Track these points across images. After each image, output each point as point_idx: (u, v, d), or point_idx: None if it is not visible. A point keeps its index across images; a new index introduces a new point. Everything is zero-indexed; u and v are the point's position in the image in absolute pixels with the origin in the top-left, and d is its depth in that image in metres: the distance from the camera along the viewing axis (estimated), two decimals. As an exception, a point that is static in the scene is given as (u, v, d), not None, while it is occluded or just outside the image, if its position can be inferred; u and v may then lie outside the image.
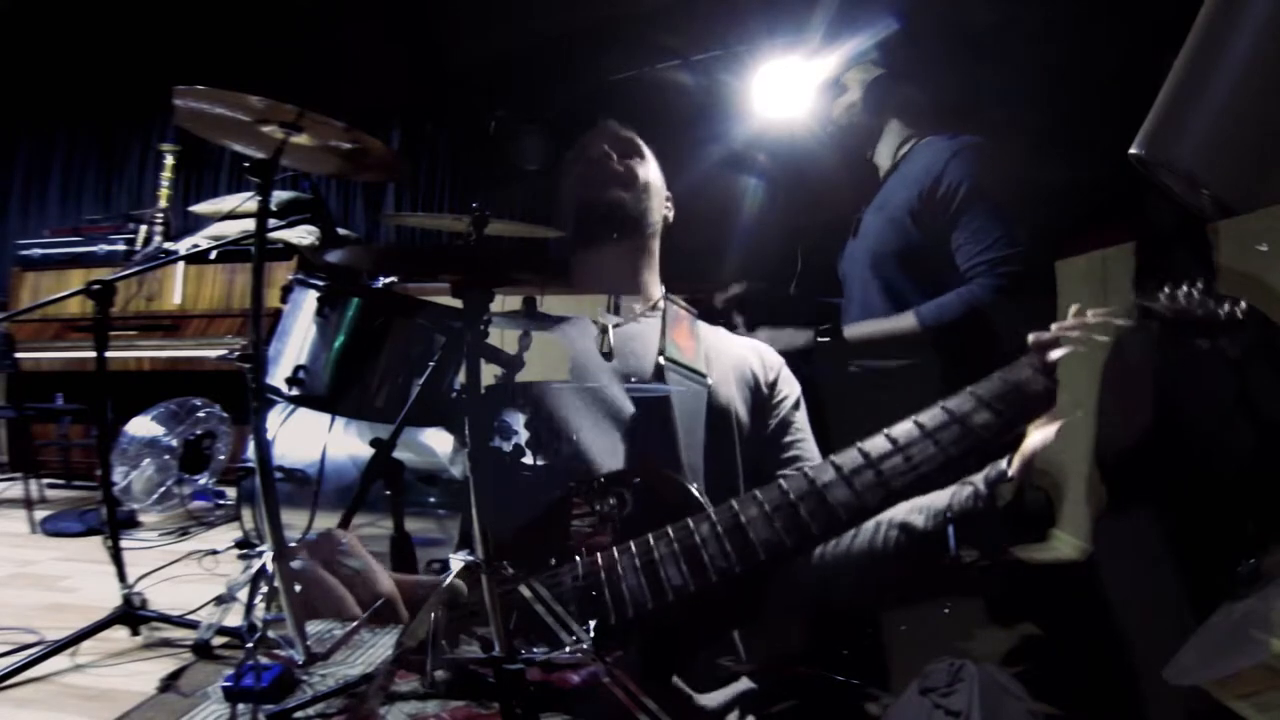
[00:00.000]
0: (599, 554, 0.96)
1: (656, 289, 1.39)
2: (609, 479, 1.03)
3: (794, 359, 1.37)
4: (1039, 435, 1.00)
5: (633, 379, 1.23)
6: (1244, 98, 1.00)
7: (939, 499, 1.06)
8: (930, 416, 0.98)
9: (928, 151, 1.89)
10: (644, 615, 0.93)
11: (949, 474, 0.98)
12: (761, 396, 1.29)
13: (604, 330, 1.16)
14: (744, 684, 1.09)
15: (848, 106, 2.03)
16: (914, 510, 1.07)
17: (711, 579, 0.93)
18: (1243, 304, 0.90)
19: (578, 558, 0.97)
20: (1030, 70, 1.88)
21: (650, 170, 1.40)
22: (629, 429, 1.19)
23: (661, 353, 1.25)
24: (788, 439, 1.27)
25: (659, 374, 1.23)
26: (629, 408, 1.20)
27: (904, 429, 0.98)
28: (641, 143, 1.42)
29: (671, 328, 1.30)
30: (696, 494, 1.02)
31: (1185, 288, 0.94)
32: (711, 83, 2.55)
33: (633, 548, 0.96)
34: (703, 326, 1.36)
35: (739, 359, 1.31)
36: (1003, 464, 1.03)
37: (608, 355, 1.14)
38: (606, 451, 1.17)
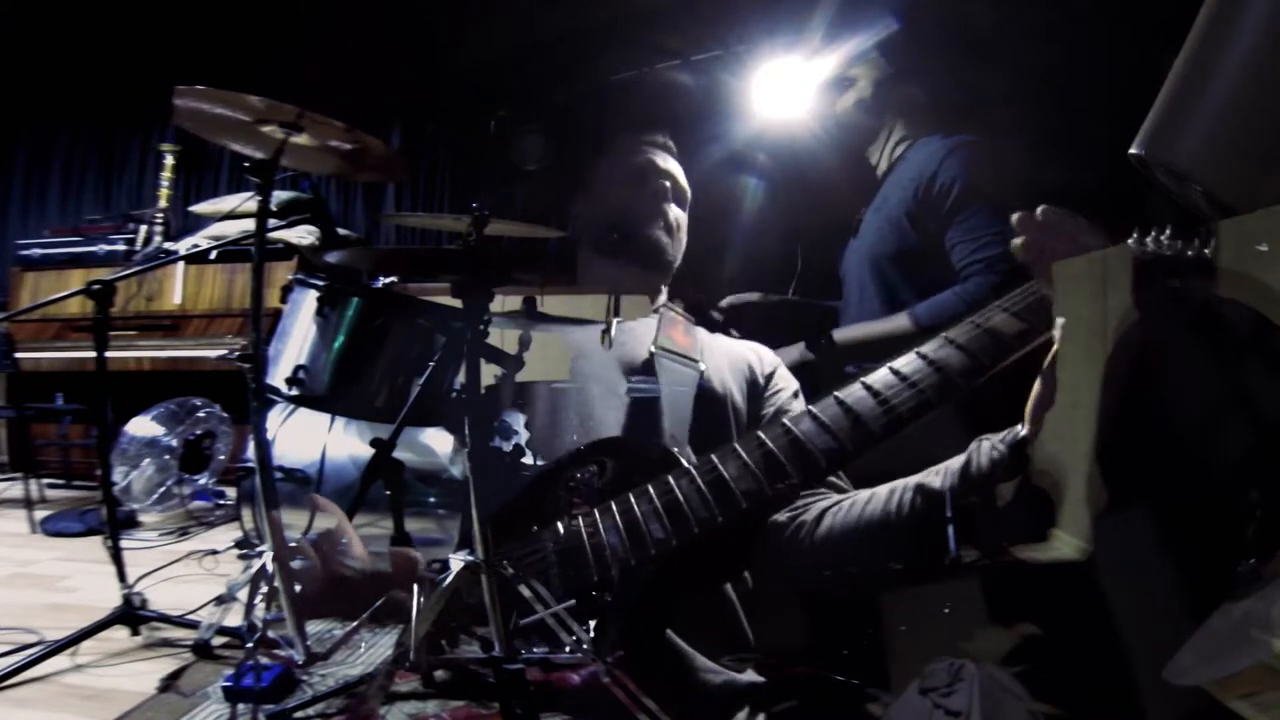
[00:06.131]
0: (580, 518, 0.97)
1: (660, 300, 1.41)
2: (589, 447, 1.04)
3: (795, 373, 1.37)
4: (1041, 385, 0.99)
5: (626, 368, 1.25)
6: (1244, 98, 0.99)
7: (955, 460, 1.05)
8: (906, 362, 0.99)
9: (923, 151, 1.88)
10: (627, 571, 0.92)
11: (923, 415, 0.98)
12: (758, 388, 1.30)
13: (607, 328, 1.17)
14: (751, 675, 1.09)
15: (856, 102, 2.01)
16: (930, 472, 1.06)
17: (694, 531, 0.92)
18: (1211, 245, 0.91)
19: (559, 524, 0.97)
20: (1030, 70, 1.88)
21: (684, 216, 1.41)
22: (617, 416, 1.20)
23: (654, 343, 1.26)
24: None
25: (650, 362, 1.24)
26: (622, 386, 1.22)
27: (880, 375, 0.99)
28: (688, 188, 1.43)
29: (667, 326, 1.32)
30: (676, 453, 1.02)
31: (1153, 232, 0.96)
32: (711, 83, 2.54)
33: (614, 506, 0.96)
34: (699, 329, 1.38)
35: (736, 355, 1.33)
36: (1018, 428, 1.01)
37: (608, 345, 1.15)
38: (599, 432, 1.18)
